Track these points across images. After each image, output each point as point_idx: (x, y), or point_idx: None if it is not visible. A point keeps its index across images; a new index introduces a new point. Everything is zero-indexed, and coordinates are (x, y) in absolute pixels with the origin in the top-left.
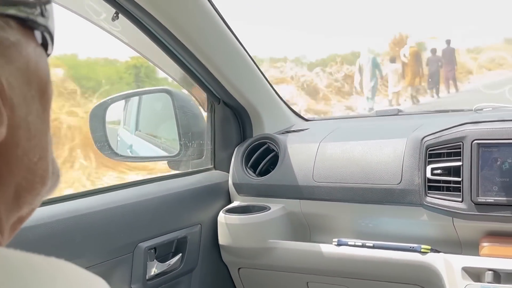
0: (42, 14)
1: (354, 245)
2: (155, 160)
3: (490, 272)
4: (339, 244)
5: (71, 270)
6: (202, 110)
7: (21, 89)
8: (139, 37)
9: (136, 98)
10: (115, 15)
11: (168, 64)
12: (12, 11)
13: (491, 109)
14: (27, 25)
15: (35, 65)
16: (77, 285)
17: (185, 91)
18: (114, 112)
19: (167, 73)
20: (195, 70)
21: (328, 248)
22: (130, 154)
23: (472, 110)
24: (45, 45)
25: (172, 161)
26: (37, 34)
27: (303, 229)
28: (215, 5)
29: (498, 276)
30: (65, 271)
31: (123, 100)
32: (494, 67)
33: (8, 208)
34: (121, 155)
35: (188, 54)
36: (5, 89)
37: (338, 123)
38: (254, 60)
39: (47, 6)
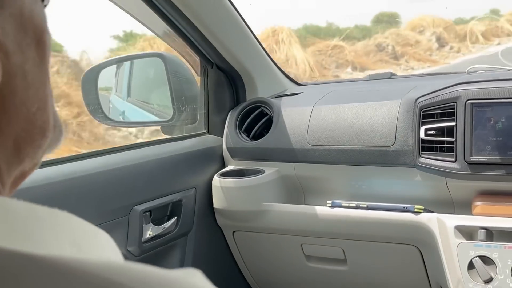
0: None
1: (348, 207)
2: (148, 125)
3: (482, 230)
4: (333, 206)
5: (75, 221)
6: (195, 74)
7: (16, 36)
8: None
9: (127, 64)
10: None
11: (159, 27)
12: None
13: (484, 71)
14: None
15: (30, 12)
16: (81, 236)
17: (177, 54)
18: (105, 78)
19: (159, 36)
20: (188, 33)
21: (322, 210)
22: (123, 120)
23: (465, 72)
24: None
25: (166, 126)
26: None
27: (297, 192)
28: None
29: (490, 234)
30: (69, 222)
31: (115, 66)
32: None
33: (8, 161)
34: (113, 120)
35: (181, 17)
36: None
37: (331, 87)
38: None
39: None
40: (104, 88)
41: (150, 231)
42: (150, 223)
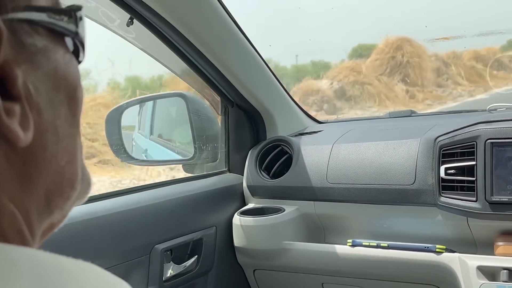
0: (72, 21)
1: (369, 246)
2: (170, 164)
3: (505, 271)
4: (353, 245)
5: (97, 273)
6: (216, 113)
7: (49, 94)
8: (153, 42)
9: (150, 103)
10: (129, 20)
11: (182, 69)
12: (40, 18)
13: (505, 109)
14: (57, 32)
15: (64, 71)
16: (104, 286)
17: (198, 95)
18: (129, 117)
19: (181, 77)
20: (208, 74)
21: (342, 249)
22: (145, 158)
23: (486, 110)
24: (76, 52)
25: (187, 165)
26: (68, 40)
27: (317, 231)
28: (228, 9)
29: None
30: (92, 274)
31: (138, 105)
32: None
33: (39, 212)
34: (136, 159)
35: (202, 58)
36: (31, 95)
37: (351, 125)
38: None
39: (78, 13)
40: (127, 127)
41: (171, 270)
42: (171, 262)
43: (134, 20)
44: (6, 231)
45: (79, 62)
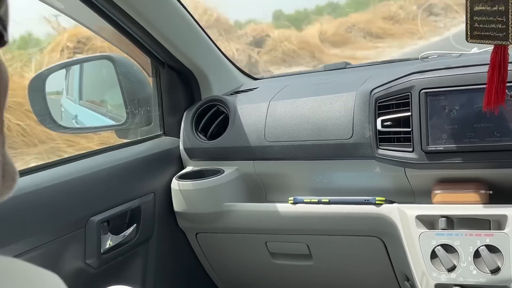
0: None
1: (310, 202)
2: (102, 130)
3: (443, 218)
4: (295, 202)
5: (21, 268)
6: (147, 75)
7: None
8: (74, 2)
9: (77, 67)
10: None
11: (106, 29)
12: None
13: (436, 56)
14: None
15: None
16: (28, 283)
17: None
18: (54, 83)
19: (105, 39)
20: (134, 34)
21: (284, 207)
22: (76, 125)
23: (418, 59)
24: None
25: (120, 130)
26: None
27: (258, 190)
28: None
29: (451, 222)
30: (15, 270)
31: (64, 70)
32: None
33: None
34: (65, 127)
35: (125, 17)
36: None
37: (287, 80)
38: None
39: None
40: (55, 92)
41: (109, 241)
42: (109, 233)
43: None
44: None
45: (2, 45)
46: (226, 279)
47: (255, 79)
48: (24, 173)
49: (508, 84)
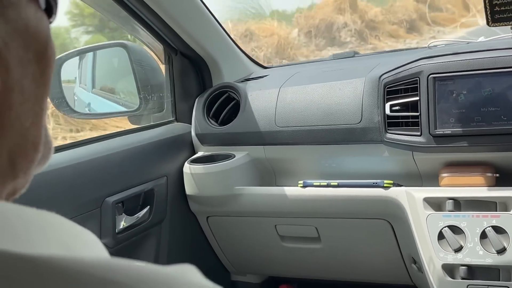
0: None
1: (319, 185)
2: (115, 116)
3: (450, 200)
4: (304, 186)
5: (62, 222)
6: (159, 62)
7: (18, 51)
8: None
9: (90, 55)
10: None
11: (121, 16)
12: None
13: (444, 45)
14: None
15: (35, 29)
16: (69, 236)
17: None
18: (68, 71)
19: (120, 25)
20: (149, 21)
21: (294, 191)
22: (89, 112)
23: (426, 47)
24: (48, 11)
25: (133, 116)
26: None
27: (268, 175)
28: None
29: (458, 204)
30: (57, 223)
31: (77, 58)
32: None
33: (3, 175)
34: (79, 112)
35: (141, 3)
36: (0, 50)
37: (296, 69)
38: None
39: None
40: (67, 80)
41: (123, 222)
42: (123, 214)
43: None
44: None
45: (50, 22)
46: (236, 261)
47: (265, 67)
48: None
49: None
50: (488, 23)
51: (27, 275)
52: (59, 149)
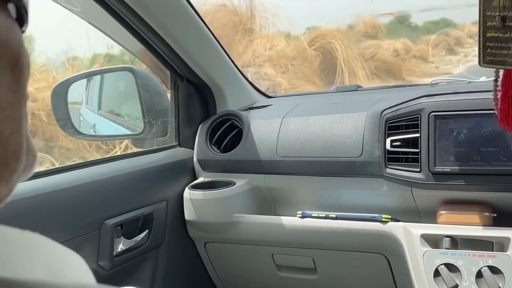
0: None
1: (318, 217)
2: (119, 139)
3: (447, 238)
4: (303, 216)
5: (46, 244)
6: (165, 88)
7: None
8: (99, 14)
9: (98, 77)
10: None
11: (130, 42)
12: None
13: (445, 83)
14: None
15: (5, 37)
16: (52, 258)
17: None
18: (76, 92)
19: (129, 51)
20: (157, 47)
21: (292, 221)
22: (94, 133)
23: (428, 84)
24: (19, 20)
25: (137, 139)
26: (11, 6)
27: (267, 203)
28: None
29: (455, 242)
30: (40, 245)
31: (85, 80)
32: None
33: None
34: (84, 134)
35: (151, 31)
36: None
37: (300, 99)
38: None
39: None
40: (73, 102)
41: (121, 245)
42: (122, 236)
43: None
44: None
45: (23, 31)
46: None
47: (269, 97)
48: (44, 174)
49: None
50: (479, 63)
51: None
52: (59, 170)
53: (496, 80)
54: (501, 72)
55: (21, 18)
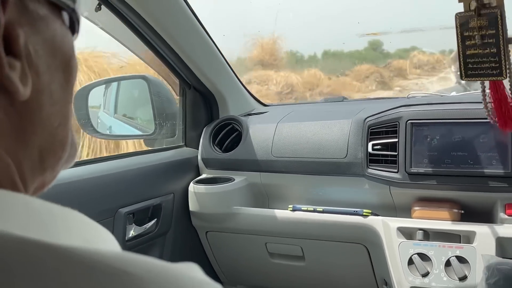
0: None
1: (307, 210)
2: (132, 138)
3: (420, 231)
4: (294, 210)
5: (83, 219)
6: (175, 94)
7: (46, 58)
8: (119, 28)
9: (115, 84)
10: (97, 6)
11: (146, 53)
12: None
13: (421, 96)
14: (56, 4)
15: (61, 40)
16: (89, 231)
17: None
18: (95, 98)
19: (146, 62)
20: (169, 59)
21: (284, 213)
22: (109, 133)
23: (405, 97)
24: (72, 28)
25: (148, 139)
26: (64, 15)
27: (262, 198)
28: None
29: (427, 234)
30: (77, 220)
31: (103, 86)
32: None
33: (33, 169)
34: (101, 133)
35: (164, 44)
36: (31, 56)
37: (292, 108)
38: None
39: None
40: (92, 106)
41: (133, 231)
42: (133, 224)
43: (102, 6)
44: (1, 180)
45: (74, 39)
46: (229, 273)
47: (265, 105)
48: None
49: (482, 120)
50: (461, 78)
51: (51, 263)
52: (84, 163)
53: (483, 91)
54: (487, 83)
55: (73, 27)
